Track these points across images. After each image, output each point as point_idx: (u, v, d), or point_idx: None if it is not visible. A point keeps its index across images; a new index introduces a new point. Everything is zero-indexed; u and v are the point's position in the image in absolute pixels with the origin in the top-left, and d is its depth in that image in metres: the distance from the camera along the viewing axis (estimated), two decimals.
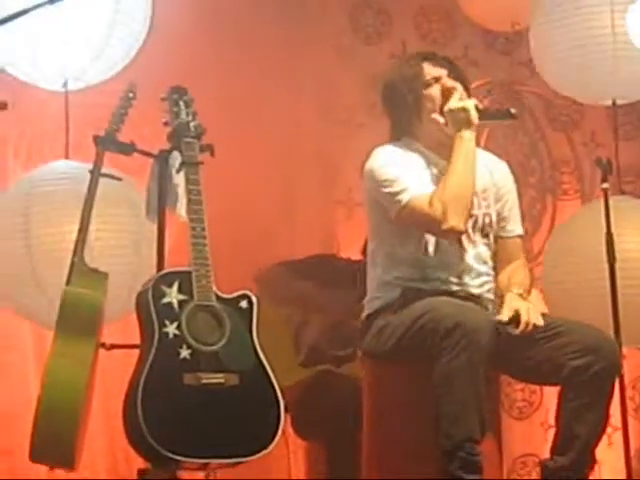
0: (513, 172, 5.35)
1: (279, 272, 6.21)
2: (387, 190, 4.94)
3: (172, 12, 6.76)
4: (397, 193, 4.89)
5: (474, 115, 4.92)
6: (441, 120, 5.01)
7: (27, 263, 5.85)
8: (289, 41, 7.69)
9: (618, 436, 5.45)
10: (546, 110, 7.97)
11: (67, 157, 6.14)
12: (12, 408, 5.63)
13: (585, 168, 7.74)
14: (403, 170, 4.96)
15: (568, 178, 7.89)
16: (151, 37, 6.43)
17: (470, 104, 4.96)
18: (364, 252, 6.57)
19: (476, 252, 5.05)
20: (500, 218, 5.17)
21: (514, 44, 7.34)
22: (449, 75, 5.09)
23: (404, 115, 5.11)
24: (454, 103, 4.98)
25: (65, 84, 6.13)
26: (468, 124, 4.96)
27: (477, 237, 5.06)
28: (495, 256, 5.17)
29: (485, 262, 5.09)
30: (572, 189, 7.70)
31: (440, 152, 5.06)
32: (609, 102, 7.04)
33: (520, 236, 5.27)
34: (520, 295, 4.96)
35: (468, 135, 4.92)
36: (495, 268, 5.14)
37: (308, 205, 7.37)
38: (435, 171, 5.04)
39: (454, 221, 4.83)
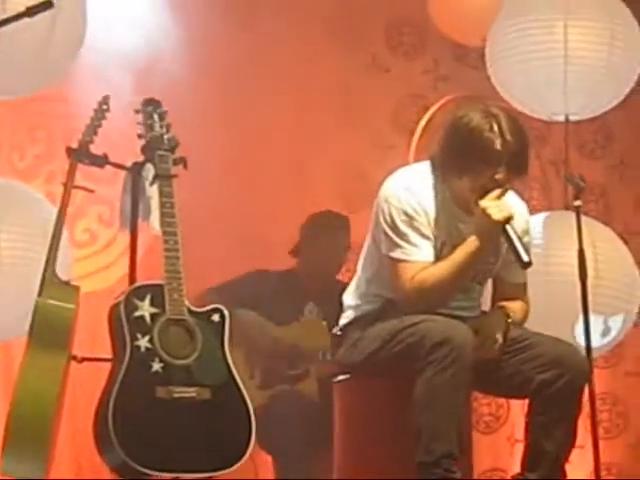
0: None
1: (212, 300, 6.11)
2: (389, 233, 4.91)
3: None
4: (395, 244, 4.89)
5: (499, 229, 4.80)
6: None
7: None
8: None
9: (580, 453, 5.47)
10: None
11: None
12: None
13: (553, 185, 7.78)
14: (411, 230, 4.89)
15: (537, 194, 7.91)
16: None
17: (506, 215, 4.79)
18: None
19: (465, 288, 5.08)
20: (506, 262, 5.10)
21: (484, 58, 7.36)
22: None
23: (458, 163, 4.90)
24: (495, 210, 4.80)
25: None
26: (489, 230, 4.84)
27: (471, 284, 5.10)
28: (494, 295, 5.22)
29: (473, 298, 5.14)
30: (540, 205, 7.71)
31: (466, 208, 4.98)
32: (562, 118, 7.07)
33: (524, 284, 5.22)
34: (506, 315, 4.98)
35: (488, 237, 4.83)
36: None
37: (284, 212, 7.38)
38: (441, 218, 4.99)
39: (418, 305, 4.85)
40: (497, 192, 4.80)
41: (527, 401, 4.95)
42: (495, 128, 4.78)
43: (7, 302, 5.52)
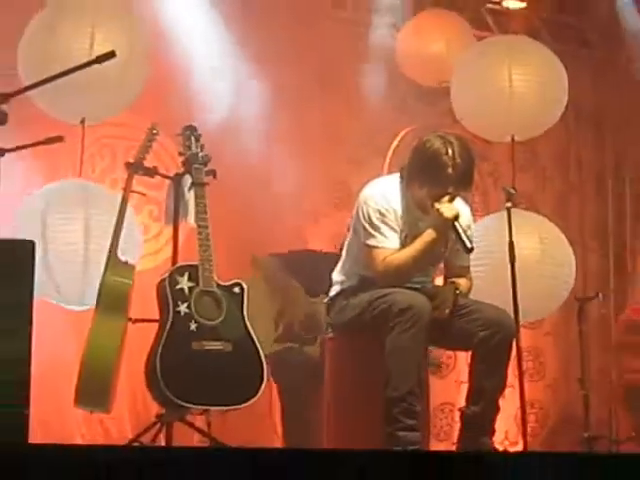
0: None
1: (271, 262, 6.17)
2: (366, 226, 4.92)
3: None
4: (370, 235, 4.90)
5: (449, 225, 4.81)
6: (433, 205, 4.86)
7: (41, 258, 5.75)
8: None
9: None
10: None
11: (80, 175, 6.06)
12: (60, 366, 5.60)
13: (490, 192, 7.75)
14: (382, 223, 4.91)
15: (478, 199, 7.88)
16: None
17: (453, 213, 4.81)
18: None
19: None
20: (454, 250, 5.08)
21: (440, 97, 7.32)
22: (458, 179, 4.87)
23: (420, 177, 4.90)
24: (442, 207, 4.82)
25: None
26: (441, 225, 4.85)
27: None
28: (445, 274, 5.23)
29: (428, 275, 5.15)
30: (479, 208, 7.68)
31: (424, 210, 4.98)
32: (509, 139, 7.02)
33: (468, 266, 5.21)
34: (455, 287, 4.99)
35: (434, 235, 4.85)
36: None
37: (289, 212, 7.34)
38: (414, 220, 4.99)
39: (388, 281, 4.88)
40: (447, 198, 4.82)
41: (470, 353, 4.97)
42: (450, 153, 4.79)
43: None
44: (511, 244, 5.38)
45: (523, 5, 8.06)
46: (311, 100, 7.70)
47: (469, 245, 4.82)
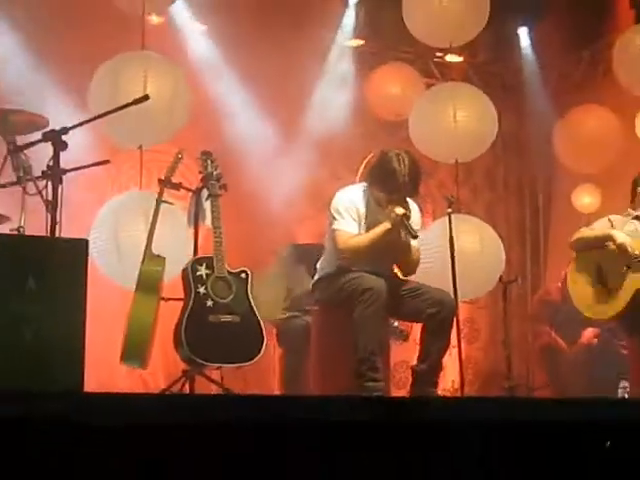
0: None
1: (289, 251, 6.16)
2: (335, 215, 4.95)
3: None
4: (336, 221, 4.93)
5: (398, 220, 4.81)
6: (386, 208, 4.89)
7: (114, 249, 5.83)
8: None
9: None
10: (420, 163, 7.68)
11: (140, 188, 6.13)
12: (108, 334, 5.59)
13: (437, 200, 7.73)
14: (345, 210, 4.94)
15: (429, 206, 7.88)
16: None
17: (400, 212, 4.81)
18: None
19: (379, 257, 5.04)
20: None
21: (398, 128, 7.31)
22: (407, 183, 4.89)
23: (380, 184, 4.93)
24: (397, 209, 4.82)
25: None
26: (396, 220, 4.84)
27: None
28: None
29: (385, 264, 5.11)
30: (430, 213, 7.70)
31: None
32: (453, 161, 7.07)
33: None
34: None
35: (388, 226, 4.83)
36: None
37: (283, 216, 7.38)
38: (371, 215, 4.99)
39: (348, 257, 4.92)
40: (399, 200, 4.86)
41: (421, 324, 4.99)
42: (402, 166, 4.81)
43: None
44: (451, 239, 5.41)
45: (461, 59, 8.10)
46: (299, 128, 7.70)
47: (414, 233, 4.83)
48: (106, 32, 6.28)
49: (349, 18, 7.68)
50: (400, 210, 4.81)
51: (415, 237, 4.89)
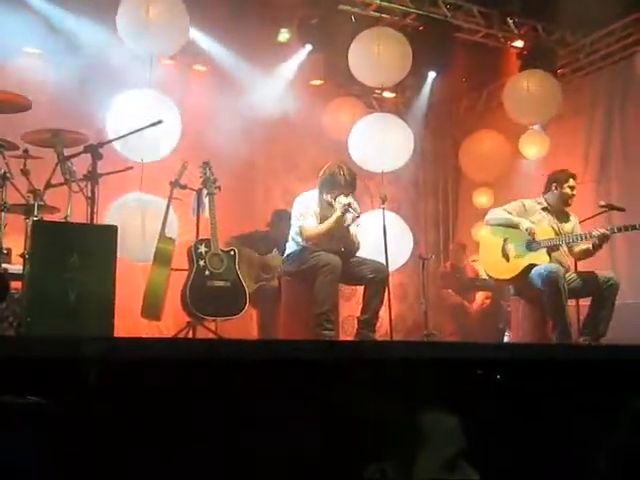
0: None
1: (237, 240, 6.10)
2: (297, 216, 4.97)
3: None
4: (299, 220, 4.93)
5: (345, 208, 4.82)
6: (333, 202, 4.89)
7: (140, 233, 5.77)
8: None
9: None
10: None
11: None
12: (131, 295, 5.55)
13: (375, 198, 7.70)
14: (305, 212, 4.95)
15: (368, 202, 7.86)
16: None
17: (346, 202, 4.82)
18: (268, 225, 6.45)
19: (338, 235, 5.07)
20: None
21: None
22: (346, 182, 4.93)
23: (327, 190, 4.97)
24: (341, 200, 4.86)
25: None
26: (342, 208, 4.84)
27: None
28: None
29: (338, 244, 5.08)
30: (369, 206, 7.66)
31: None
32: (380, 171, 7.05)
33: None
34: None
35: (339, 213, 4.84)
36: None
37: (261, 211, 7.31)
38: (324, 212, 4.99)
39: (311, 242, 4.89)
40: (342, 195, 4.87)
41: (363, 287, 4.97)
42: (342, 173, 4.89)
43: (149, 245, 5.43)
44: (384, 228, 5.44)
45: (393, 95, 8.12)
46: (278, 140, 7.66)
47: (357, 214, 4.86)
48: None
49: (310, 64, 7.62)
50: (345, 199, 4.83)
51: (358, 216, 4.91)
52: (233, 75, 7.03)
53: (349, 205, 4.81)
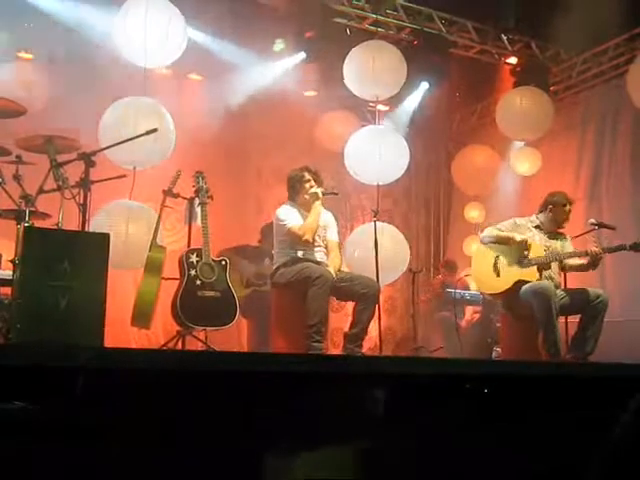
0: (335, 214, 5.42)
1: (230, 252, 6.10)
2: (283, 222, 5.00)
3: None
4: (285, 224, 4.98)
5: (319, 196, 4.99)
6: (306, 196, 5.06)
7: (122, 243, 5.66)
8: None
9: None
10: (354, 183, 7.47)
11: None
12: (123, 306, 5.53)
13: (366, 211, 7.75)
14: (288, 215, 5.03)
15: (359, 213, 7.95)
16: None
17: (318, 191, 5.03)
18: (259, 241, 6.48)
19: (320, 248, 5.12)
20: (328, 234, 5.19)
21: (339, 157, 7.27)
22: (311, 175, 5.12)
23: (298, 192, 5.10)
24: (312, 190, 5.03)
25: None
26: (316, 199, 5.01)
27: (319, 243, 5.10)
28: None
29: (323, 252, 5.13)
30: (361, 220, 7.74)
31: (307, 209, 5.09)
32: (376, 183, 7.05)
33: (337, 242, 5.30)
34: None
35: (317, 205, 4.99)
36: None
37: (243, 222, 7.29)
38: (304, 215, 5.07)
39: (306, 237, 4.95)
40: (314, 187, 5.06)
41: (354, 302, 4.98)
42: (305, 169, 5.13)
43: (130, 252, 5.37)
44: (376, 240, 5.44)
45: (387, 108, 8.15)
46: (270, 151, 7.62)
47: (335, 192, 5.16)
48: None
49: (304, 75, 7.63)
50: (318, 190, 5.04)
51: (336, 194, 5.18)
52: (228, 85, 7.03)
53: (320, 193, 5.02)
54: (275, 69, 7.28)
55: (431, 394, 2.99)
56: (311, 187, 5.07)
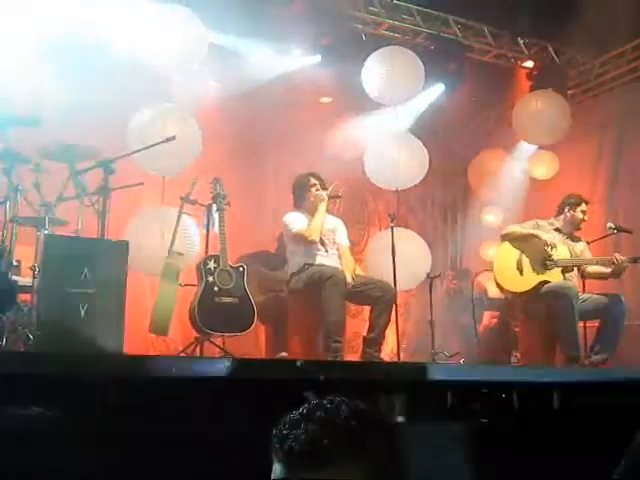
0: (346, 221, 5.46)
1: (248, 258, 6.11)
2: (290, 227, 5.08)
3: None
4: (293, 228, 5.05)
5: (325, 199, 5.07)
6: (312, 199, 5.13)
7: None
8: None
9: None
10: (371, 189, 7.69)
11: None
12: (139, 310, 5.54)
13: (382, 217, 7.72)
14: (295, 220, 5.12)
15: (377, 219, 7.94)
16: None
17: (323, 194, 5.11)
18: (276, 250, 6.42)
19: (333, 252, 5.16)
20: (337, 238, 5.24)
21: (353, 165, 7.26)
22: (316, 180, 5.20)
23: (304, 198, 5.18)
24: (317, 192, 5.12)
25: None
26: (322, 201, 5.08)
27: (330, 247, 5.15)
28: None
29: (336, 255, 5.18)
30: (378, 227, 7.72)
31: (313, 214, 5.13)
32: (394, 188, 7.04)
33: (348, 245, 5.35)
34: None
35: (322, 206, 5.06)
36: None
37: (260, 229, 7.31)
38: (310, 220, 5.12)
39: (312, 237, 5.01)
40: (320, 190, 5.17)
41: (370, 307, 5.01)
42: (310, 174, 5.27)
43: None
44: (393, 246, 5.44)
45: (404, 112, 8.07)
46: (287, 157, 7.56)
47: (340, 194, 5.34)
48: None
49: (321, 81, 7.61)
50: (324, 193, 5.12)
51: (339, 196, 5.34)
52: (245, 90, 7.03)
53: (323, 198, 5.10)
54: (292, 74, 7.26)
55: (451, 400, 2.98)
56: (317, 191, 5.15)
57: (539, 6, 6.90)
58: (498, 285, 5.51)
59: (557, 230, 5.36)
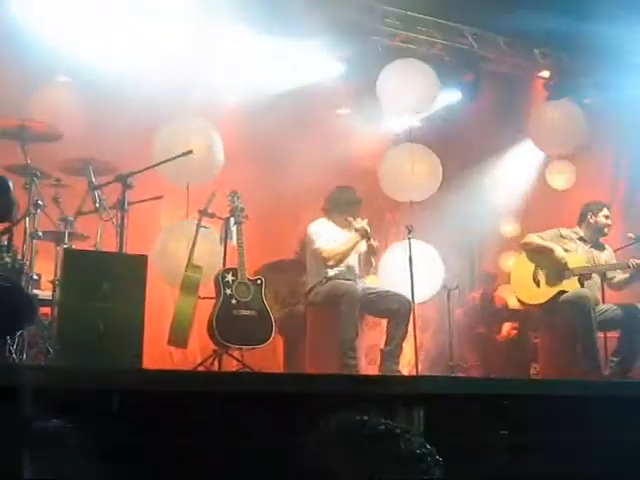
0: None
1: (269, 268, 6.13)
2: (313, 239, 5.09)
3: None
4: (315, 242, 5.05)
5: (364, 231, 5.03)
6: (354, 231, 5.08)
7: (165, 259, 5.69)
8: None
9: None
10: (389, 204, 7.57)
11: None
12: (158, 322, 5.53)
13: (401, 229, 7.63)
14: (320, 233, 5.11)
15: (394, 230, 7.89)
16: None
17: (367, 227, 5.07)
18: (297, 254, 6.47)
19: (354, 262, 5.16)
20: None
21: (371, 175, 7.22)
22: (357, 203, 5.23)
23: (341, 210, 5.17)
24: (359, 225, 5.07)
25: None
26: (364, 235, 5.06)
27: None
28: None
29: (356, 267, 5.20)
30: (394, 237, 7.67)
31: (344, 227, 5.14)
32: (409, 200, 6.90)
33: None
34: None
35: (354, 239, 5.04)
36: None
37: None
38: (338, 231, 5.12)
39: (332, 262, 5.01)
40: (360, 219, 5.09)
41: (387, 319, 4.99)
42: (349, 192, 5.28)
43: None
44: (410, 257, 5.42)
45: (420, 124, 8.05)
46: (303, 174, 7.56)
47: (374, 243, 5.15)
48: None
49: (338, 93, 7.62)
50: (364, 223, 5.04)
51: (373, 239, 5.14)
52: (264, 102, 7.05)
53: (367, 232, 5.04)
54: (309, 87, 7.26)
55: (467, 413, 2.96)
56: (356, 216, 5.10)
57: (552, 16, 6.87)
58: (516, 297, 5.49)
59: (581, 239, 5.31)
